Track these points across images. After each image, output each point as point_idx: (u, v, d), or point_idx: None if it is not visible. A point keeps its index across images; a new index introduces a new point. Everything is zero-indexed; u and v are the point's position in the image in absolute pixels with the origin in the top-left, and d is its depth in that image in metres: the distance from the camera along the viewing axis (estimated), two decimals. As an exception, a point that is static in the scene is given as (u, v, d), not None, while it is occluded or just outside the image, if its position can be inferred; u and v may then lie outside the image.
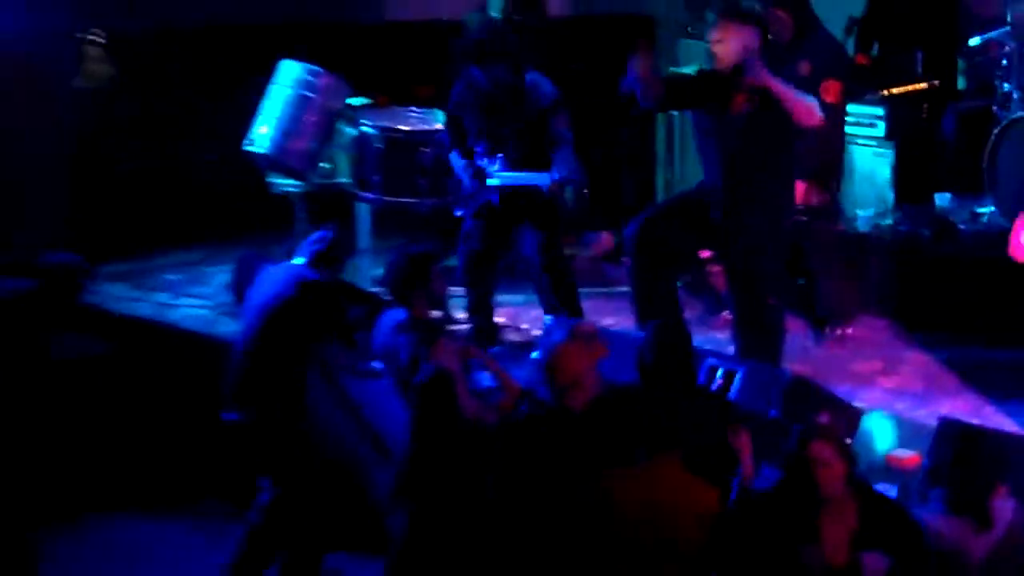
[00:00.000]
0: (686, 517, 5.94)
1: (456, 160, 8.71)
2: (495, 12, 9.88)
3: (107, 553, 8.23)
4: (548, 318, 8.53)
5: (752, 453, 6.53)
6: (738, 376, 7.32)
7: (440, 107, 9.30)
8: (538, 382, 6.82)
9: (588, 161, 9.21)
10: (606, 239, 10.17)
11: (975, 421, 7.15)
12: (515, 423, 6.75)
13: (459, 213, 8.95)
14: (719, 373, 7.37)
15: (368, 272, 9.50)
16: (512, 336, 9.13)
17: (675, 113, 10.32)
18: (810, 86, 8.21)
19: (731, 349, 7.85)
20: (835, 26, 9.57)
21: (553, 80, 8.90)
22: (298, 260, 7.69)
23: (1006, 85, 9.04)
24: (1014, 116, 8.78)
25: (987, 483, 6.11)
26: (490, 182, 8.63)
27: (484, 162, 8.64)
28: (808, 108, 7.69)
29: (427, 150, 9.30)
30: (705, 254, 8.70)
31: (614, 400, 6.73)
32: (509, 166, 8.70)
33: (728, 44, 7.67)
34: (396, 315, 7.39)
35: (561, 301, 8.74)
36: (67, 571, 8.00)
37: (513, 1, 9.84)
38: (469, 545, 6.54)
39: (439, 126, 9.23)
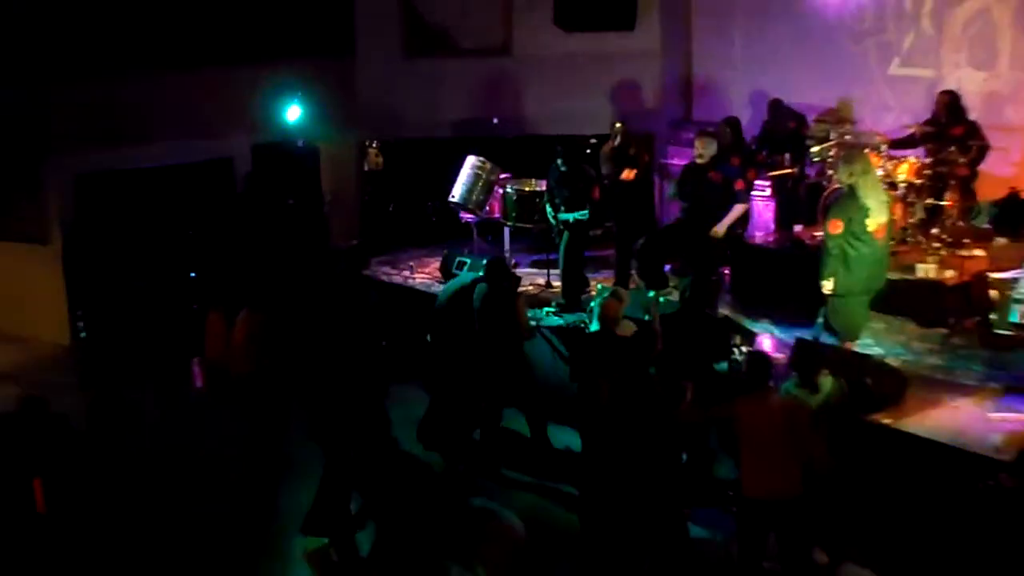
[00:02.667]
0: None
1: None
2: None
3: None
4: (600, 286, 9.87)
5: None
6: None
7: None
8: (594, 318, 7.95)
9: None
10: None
11: (810, 339, 8.31)
12: (586, 336, 8.19)
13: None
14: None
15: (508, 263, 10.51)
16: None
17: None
18: (739, 171, 9.50)
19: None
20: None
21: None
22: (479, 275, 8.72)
23: (830, 172, 10.26)
24: (831, 188, 9.95)
25: (815, 368, 6.98)
26: None
27: None
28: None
29: (538, 201, 10.63)
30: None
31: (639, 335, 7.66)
32: None
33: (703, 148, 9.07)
34: None
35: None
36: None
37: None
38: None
39: (543, 187, 10.64)
